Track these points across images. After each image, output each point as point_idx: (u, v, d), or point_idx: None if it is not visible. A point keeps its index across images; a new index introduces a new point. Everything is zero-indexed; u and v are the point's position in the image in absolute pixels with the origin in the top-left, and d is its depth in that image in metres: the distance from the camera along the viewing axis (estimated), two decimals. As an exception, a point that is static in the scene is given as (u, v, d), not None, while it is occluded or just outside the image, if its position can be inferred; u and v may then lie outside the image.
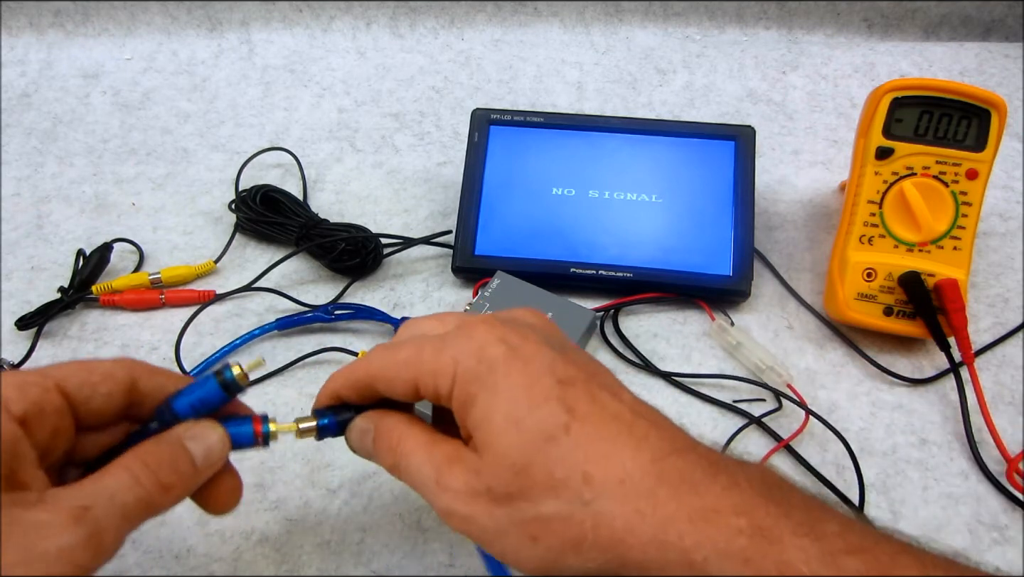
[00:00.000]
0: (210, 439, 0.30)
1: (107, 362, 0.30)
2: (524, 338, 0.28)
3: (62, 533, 0.25)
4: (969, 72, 0.71)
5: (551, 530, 0.26)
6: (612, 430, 0.26)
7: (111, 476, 0.27)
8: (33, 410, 0.27)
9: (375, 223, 0.60)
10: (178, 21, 0.76)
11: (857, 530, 0.25)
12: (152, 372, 0.31)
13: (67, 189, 0.63)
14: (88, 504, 0.26)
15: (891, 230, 0.50)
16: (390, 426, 0.31)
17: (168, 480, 0.28)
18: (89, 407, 0.29)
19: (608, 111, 0.69)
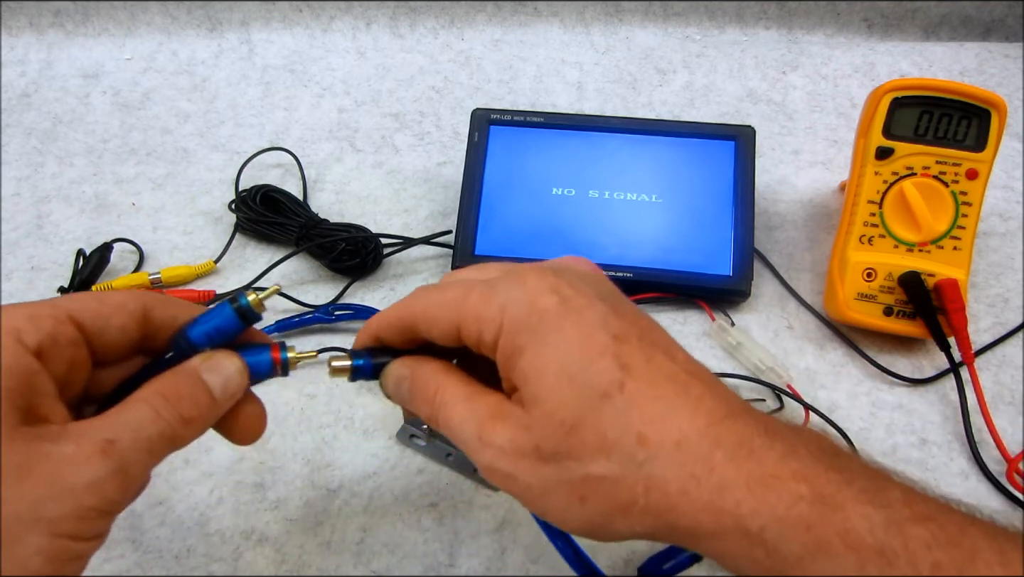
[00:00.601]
0: (228, 370, 0.29)
1: (118, 293, 0.29)
2: (577, 290, 0.27)
3: (90, 466, 0.24)
4: (969, 72, 0.71)
5: (601, 492, 0.25)
6: (668, 390, 0.25)
7: (132, 410, 0.27)
8: (48, 342, 0.26)
9: (375, 223, 0.60)
10: (178, 21, 0.76)
11: (921, 499, 0.24)
12: (165, 302, 0.30)
13: (67, 189, 0.63)
14: (113, 437, 0.25)
15: (891, 230, 0.50)
16: (428, 374, 0.30)
17: (189, 413, 0.27)
18: (103, 340, 0.28)
19: (608, 111, 0.69)
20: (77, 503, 0.24)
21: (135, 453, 0.26)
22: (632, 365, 0.25)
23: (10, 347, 0.25)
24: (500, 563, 0.42)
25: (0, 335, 0.25)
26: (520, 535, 0.43)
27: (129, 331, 0.29)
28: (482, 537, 0.43)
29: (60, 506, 0.24)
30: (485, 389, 0.29)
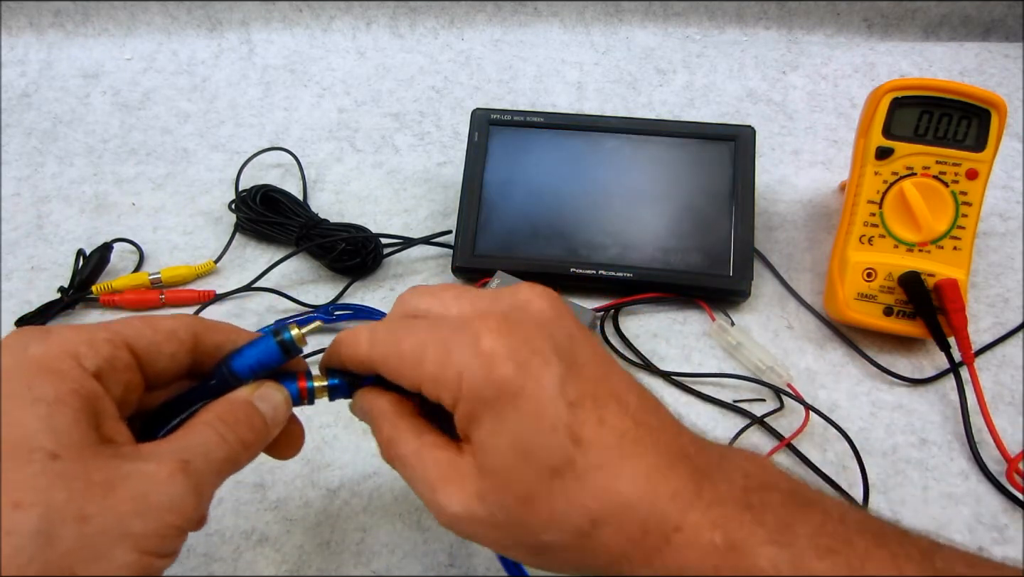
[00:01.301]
0: (276, 399, 0.30)
1: (169, 320, 0.30)
2: (533, 350, 0.27)
3: (171, 484, 0.25)
4: (969, 72, 0.71)
5: (555, 553, 0.27)
6: (615, 455, 0.26)
7: (199, 433, 0.27)
8: (106, 366, 0.27)
9: (375, 223, 0.60)
10: (178, 21, 0.76)
11: (831, 530, 0.26)
12: (212, 329, 0.31)
13: (67, 189, 0.63)
14: (188, 458, 0.26)
15: (891, 230, 0.50)
16: (383, 418, 0.30)
17: (247, 438, 0.28)
18: (155, 367, 0.29)
19: (608, 111, 0.69)
20: (160, 520, 0.25)
21: (207, 474, 0.27)
22: (583, 435, 0.26)
23: (73, 370, 0.26)
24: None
25: (60, 359, 0.26)
26: (520, 535, 0.43)
27: (179, 358, 0.29)
28: (482, 537, 0.43)
29: (145, 522, 0.24)
30: (437, 439, 0.29)
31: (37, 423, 0.24)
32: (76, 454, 0.24)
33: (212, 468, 0.27)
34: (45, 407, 0.24)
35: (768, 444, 0.47)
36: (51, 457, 0.23)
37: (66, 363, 0.26)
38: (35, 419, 0.24)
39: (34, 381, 0.25)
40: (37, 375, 0.25)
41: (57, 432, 0.24)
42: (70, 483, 0.23)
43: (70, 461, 0.24)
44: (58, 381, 0.25)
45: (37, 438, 0.24)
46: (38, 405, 0.24)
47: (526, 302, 0.29)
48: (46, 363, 0.25)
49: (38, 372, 0.25)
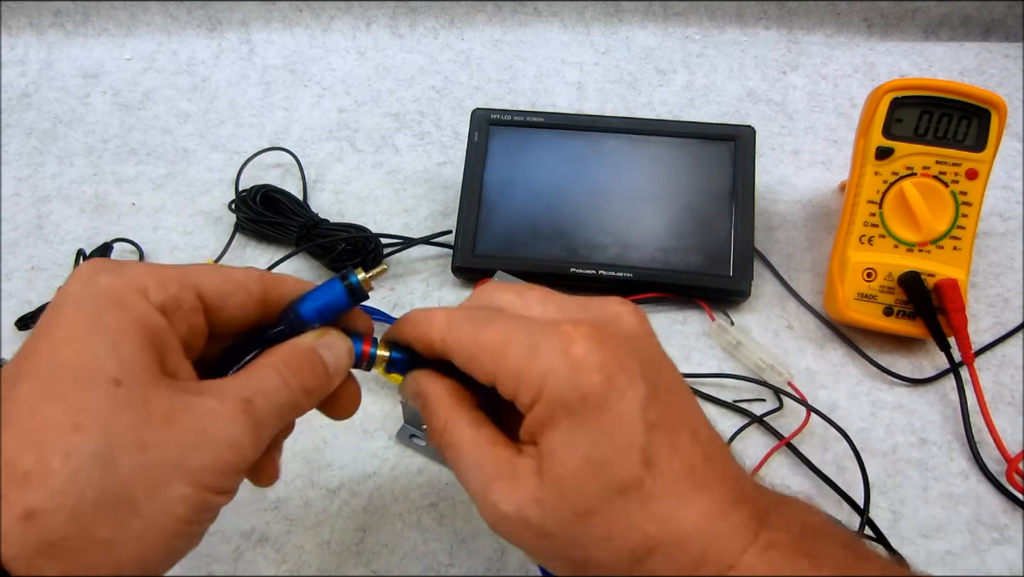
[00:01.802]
0: (340, 349, 0.30)
1: (240, 271, 0.29)
2: (622, 365, 0.26)
3: (232, 422, 0.25)
4: (969, 72, 0.71)
5: (597, 572, 0.26)
6: (683, 486, 0.26)
7: (263, 376, 0.27)
8: (172, 304, 0.26)
9: (375, 223, 0.60)
10: (178, 21, 0.76)
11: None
12: (281, 283, 0.30)
13: (67, 189, 0.63)
14: (250, 397, 0.26)
15: (891, 230, 0.50)
16: (439, 404, 0.30)
17: (310, 384, 0.28)
18: (221, 315, 0.29)
19: (608, 111, 0.69)
20: (219, 456, 0.25)
21: (268, 416, 0.26)
22: (656, 460, 0.26)
23: (140, 303, 0.25)
24: (500, 563, 0.42)
25: (127, 291, 0.26)
26: (520, 535, 0.43)
27: (247, 309, 0.29)
28: (482, 537, 0.43)
29: (203, 456, 0.24)
30: (497, 436, 0.29)
31: (102, 349, 0.24)
32: (139, 382, 0.24)
33: (273, 410, 0.27)
34: (111, 335, 0.24)
35: (768, 443, 0.47)
36: (114, 383, 0.23)
37: (133, 296, 0.25)
38: (101, 345, 0.24)
39: (101, 310, 0.25)
40: (104, 304, 0.25)
41: (121, 360, 0.24)
42: (132, 410, 0.23)
43: (133, 388, 0.24)
44: (124, 312, 0.25)
45: (101, 364, 0.24)
46: (104, 332, 0.24)
47: (616, 316, 0.29)
48: (114, 294, 0.25)
49: (105, 302, 0.25)
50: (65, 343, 0.24)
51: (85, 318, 0.25)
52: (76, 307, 0.25)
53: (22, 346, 0.25)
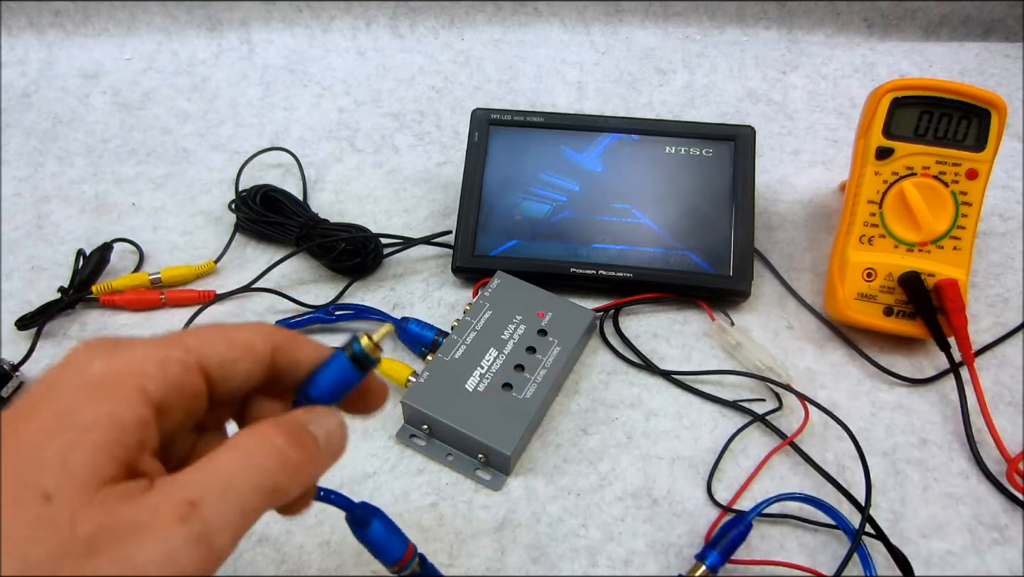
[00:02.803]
0: (331, 423, 0.26)
1: (247, 331, 0.26)
2: None
3: (165, 536, 0.21)
4: (969, 72, 0.71)
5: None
6: None
7: (223, 459, 0.23)
8: (172, 394, 0.24)
9: (375, 223, 0.60)
10: (178, 21, 0.76)
11: None
12: (292, 343, 0.27)
13: (67, 189, 0.63)
14: (196, 497, 0.22)
15: (891, 230, 0.50)
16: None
17: (293, 455, 0.24)
18: (226, 387, 0.26)
19: (608, 111, 0.69)
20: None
21: (222, 515, 0.22)
22: None
23: (127, 393, 0.23)
24: (500, 563, 0.42)
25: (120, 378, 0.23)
26: (520, 535, 0.43)
27: (254, 375, 0.26)
28: (482, 537, 0.43)
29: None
30: None
31: (51, 455, 0.21)
32: (72, 496, 0.21)
33: (231, 506, 0.22)
34: (71, 435, 0.22)
35: (767, 443, 0.47)
36: (43, 499, 0.21)
37: (125, 383, 0.23)
38: (52, 449, 0.22)
39: (79, 402, 0.22)
40: (86, 395, 0.23)
41: (65, 467, 0.21)
42: (52, 536, 0.21)
43: (61, 506, 0.21)
44: (103, 402, 0.22)
45: (40, 474, 0.21)
46: (65, 433, 0.22)
47: None
48: (103, 381, 0.23)
49: (88, 391, 0.23)
50: (23, 440, 0.22)
51: (55, 415, 0.22)
52: (53, 398, 0.23)
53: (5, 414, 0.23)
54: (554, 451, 0.47)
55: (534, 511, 0.44)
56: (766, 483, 0.45)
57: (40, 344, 0.52)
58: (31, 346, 0.51)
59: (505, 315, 0.50)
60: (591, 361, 0.51)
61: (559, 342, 0.49)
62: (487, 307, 0.50)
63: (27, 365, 0.50)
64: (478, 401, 0.45)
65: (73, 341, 0.53)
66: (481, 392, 0.46)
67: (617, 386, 0.50)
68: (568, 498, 0.45)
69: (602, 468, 0.46)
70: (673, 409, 0.49)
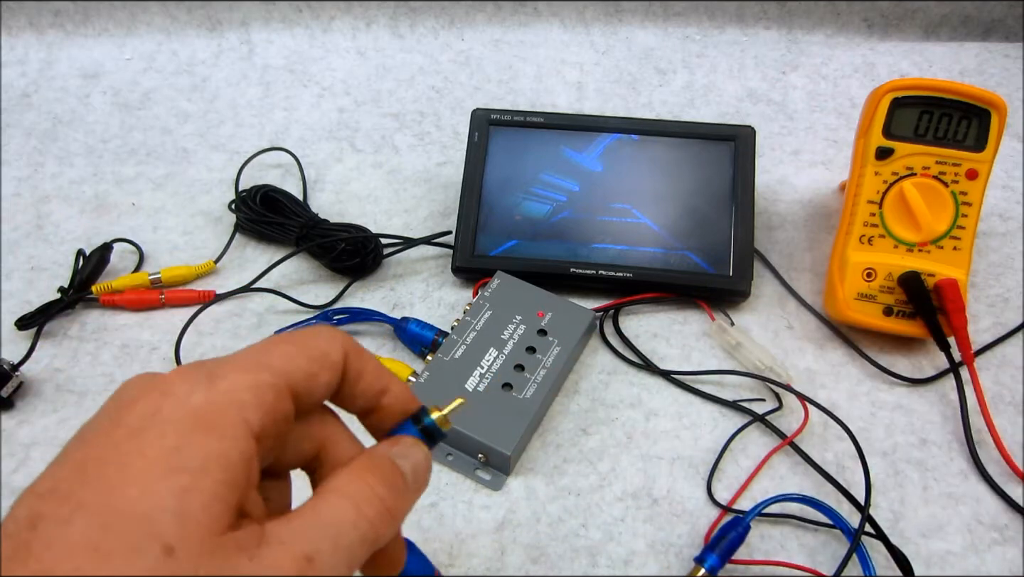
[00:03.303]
0: (417, 456, 0.26)
1: (320, 340, 0.26)
2: None
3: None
4: (969, 72, 0.71)
5: None
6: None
7: (331, 508, 0.23)
8: (270, 422, 0.23)
9: (375, 223, 0.60)
10: (178, 21, 0.76)
11: None
12: (359, 351, 0.27)
13: (67, 189, 0.63)
14: (311, 552, 0.22)
15: (891, 230, 0.50)
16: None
17: (392, 504, 0.24)
18: (309, 401, 0.25)
19: (608, 111, 0.69)
20: None
21: (334, 568, 0.22)
22: None
23: (234, 427, 0.22)
24: (500, 563, 0.42)
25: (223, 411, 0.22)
26: (520, 535, 0.43)
27: (332, 387, 0.26)
28: (482, 537, 0.43)
29: None
30: None
31: (169, 500, 0.20)
32: (195, 548, 0.20)
33: (343, 558, 0.22)
34: (185, 478, 0.21)
35: (767, 443, 0.47)
36: (166, 552, 0.20)
37: (228, 416, 0.22)
38: (168, 494, 0.20)
39: (187, 439, 0.21)
40: (191, 430, 0.21)
41: (185, 516, 0.20)
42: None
43: (185, 559, 0.20)
44: (212, 439, 0.21)
45: (160, 523, 0.20)
46: (179, 475, 0.21)
47: None
48: (207, 414, 0.22)
49: (195, 427, 0.22)
50: (134, 481, 0.21)
51: (165, 451, 0.21)
52: (157, 432, 0.21)
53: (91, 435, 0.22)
54: (554, 451, 0.47)
55: (534, 511, 0.44)
56: (766, 483, 0.45)
57: (40, 344, 0.52)
58: (31, 346, 0.51)
59: (505, 315, 0.50)
60: (591, 361, 0.51)
61: (559, 342, 0.49)
62: (487, 307, 0.50)
63: (27, 365, 0.50)
64: (478, 401, 0.45)
65: (73, 341, 0.53)
66: (481, 392, 0.46)
67: (617, 386, 0.50)
68: (568, 498, 0.45)
69: (602, 468, 0.46)
70: (673, 409, 0.49)
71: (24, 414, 0.49)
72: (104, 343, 0.53)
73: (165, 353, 0.52)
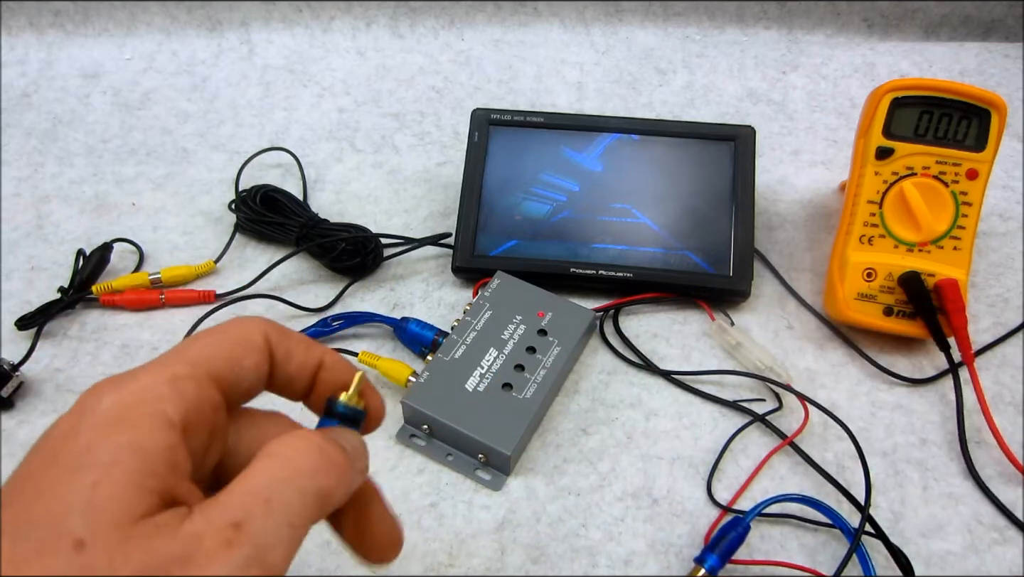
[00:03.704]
0: (351, 440, 0.25)
1: (236, 327, 0.25)
2: None
3: (214, 566, 0.20)
4: (969, 72, 0.71)
5: None
6: None
7: (260, 471, 0.22)
8: (192, 412, 0.23)
9: (375, 223, 0.60)
10: (178, 21, 0.76)
11: None
12: (280, 332, 0.26)
13: (67, 189, 0.63)
14: (239, 518, 0.20)
15: (891, 230, 0.50)
16: None
17: (335, 455, 0.23)
18: (240, 388, 0.25)
19: (608, 111, 0.69)
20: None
21: (271, 531, 0.21)
22: None
23: (147, 418, 0.21)
24: (500, 563, 0.42)
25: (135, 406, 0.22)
26: (520, 535, 0.43)
27: (262, 370, 0.26)
28: (482, 537, 0.43)
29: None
30: None
31: (77, 498, 0.20)
32: (106, 538, 0.19)
33: (279, 518, 0.21)
34: (94, 473, 0.20)
35: (767, 443, 0.47)
36: (76, 547, 0.19)
37: (140, 411, 0.22)
38: (77, 492, 0.20)
39: (96, 440, 0.21)
40: (100, 431, 0.21)
41: (94, 508, 0.20)
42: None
43: (97, 551, 0.19)
44: (120, 433, 0.21)
45: (68, 521, 0.20)
46: (86, 472, 0.20)
47: None
48: (116, 414, 0.22)
49: (103, 427, 0.21)
50: (45, 491, 0.20)
51: (75, 454, 0.21)
52: (69, 442, 0.21)
53: (13, 475, 0.22)
54: (554, 451, 0.47)
55: (534, 511, 0.44)
56: (766, 483, 0.45)
57: (40, 344, 0.52)
58: (31, 346, 0.51)
59: (505, 315, 0.50)
60: (591, 361, 0.51)
61: (559, 342, 0.49)
62: (487, 307, 0.50)
63: (27, 365, 0.50)
64: (478, 401, 0.45)
65: (73, 341, 0.53)
66: (481, 392, 0.46)
67: (617, 386, 0.50)
68: (568, 498, 0.45)
69: (602, 468, 0.46)
70: (673, 409, 0.49)
71: (24, 414, 0.49)
72: (104, 343, 0.53)
73: (165, 353, 0.52)
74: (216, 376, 0.24)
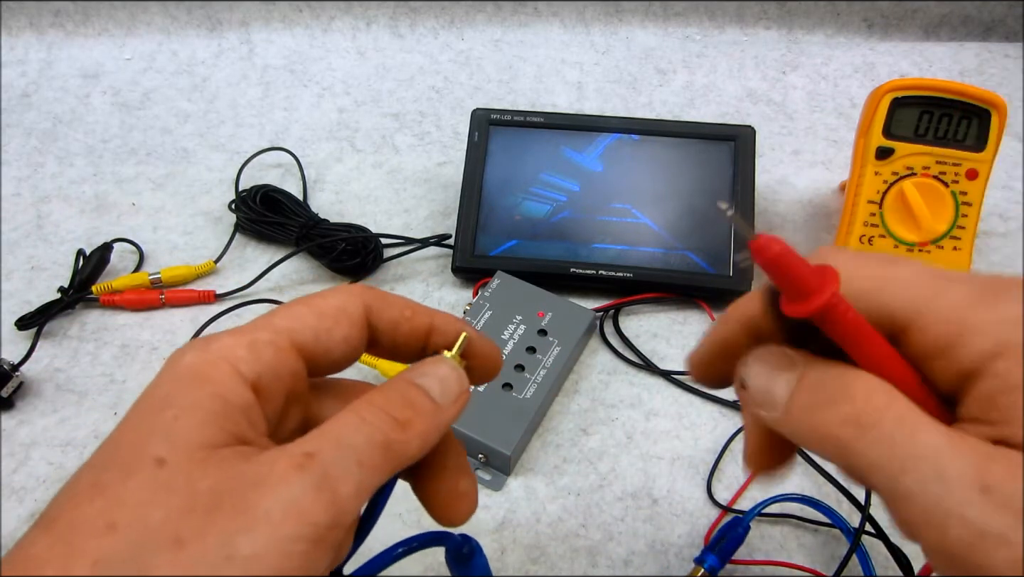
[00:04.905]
0: (441, 371, 0.25)
1: (334, 296, 0.26)
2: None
3: (286, 484, 0.21)
4: (969, 72, 0.71)
5: None
6: None
7: (335, 422, 0.23)
8: (267, 375, 0.23)
9: (375, 223, 0.60)
10: (178, 21, 0.76)
11: None
12: (384, 300, 0.26)
13: (67, 189, 0.63)
14: (312, 450, 0.21)
15: (891, 230, 0.50)
16: (858, 380, 0.22)
17: (403, 415, 0.23)
18: (329, 357, 0.25)
19: (608, 111, 0.69)
20: (273, 533, 0.20)
21: (340, 464, 0.22)
22: None
23: (223, 376, 0.22)
24: (500, 563, 0.42)
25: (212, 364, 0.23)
26: (520, 535, 0.43)
27: (353, 341, 0.25)
28: (482, 537, 0.43)
29: (255, 541, 0.20)
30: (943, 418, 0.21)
31: (157, 427, 0.21)
32: (184, 460, 0.21)
33: (348, 456, 0.22)
34: (174, 412, 0.22)
35: (768, 444, 0.47)
36: (157, 464, 0.21)
37: (219, 368, 0.22)
38: (157, 423, 0.21)
39: (177, 389, 0.22)
40: (182, 383, 0.22)
41: (172, 435, 0.21)
42: (170, 498, 0.20)
43: (176, 470, 0.21)
44: (201, 386, 0.22)
45: (149, 444, 0.21)
46: (167, 411, 0.22)
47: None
48: (196, 369, 0.23)
49: (184, 380, 0.22)
50: (127, 429, 0.22)
51: (157, 400, 0.22)
52: (151, 390, 0.23)
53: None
54: (554, 451, 0.47)
55: (534, 511, 0.44)
56: (766, 483, 0.45)
57: (40, 344, 0.52)
58: (31, 346, 0.51)
59: (505, 315, 0.50)
60: (591, 361, 0.51)
61: (559, 342, 0.49)
62: (487, 307, 0.50)
63: (27, 365, 0.50)
64: (478, 401, 0.45)
65: (73, 341, 0.53)
66: (481, 392, 0.46)
67: (617, 386, 0.50)
68: (568, 498, 0.45)
69: (602, 468, 0.46)
70: (673, 409, 0.49)
71: (24, 414, 0.49)
72: (104, 343, 0.53)
73: (165, 353, 0.52)
74: (299, 344, 0.24)
